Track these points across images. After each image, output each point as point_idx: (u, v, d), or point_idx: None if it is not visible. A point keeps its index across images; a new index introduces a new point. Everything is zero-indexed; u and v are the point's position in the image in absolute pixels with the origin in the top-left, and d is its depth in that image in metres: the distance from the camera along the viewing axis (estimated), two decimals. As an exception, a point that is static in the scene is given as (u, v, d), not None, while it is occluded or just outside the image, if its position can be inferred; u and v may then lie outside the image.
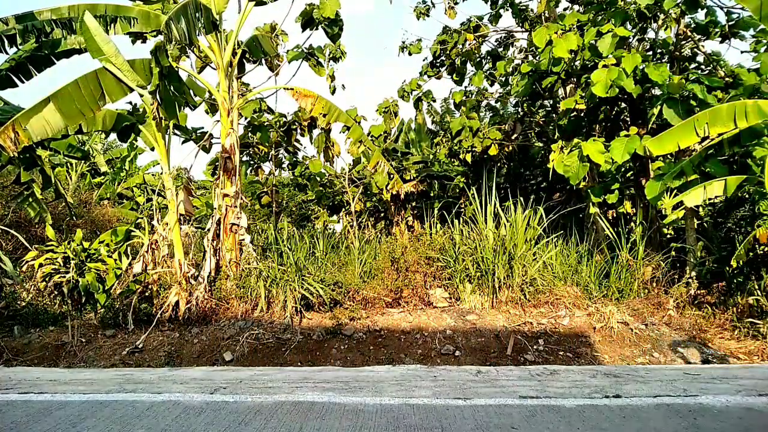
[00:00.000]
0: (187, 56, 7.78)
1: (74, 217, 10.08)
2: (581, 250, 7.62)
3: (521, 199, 7.79)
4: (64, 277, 7.34)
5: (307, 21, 8.62)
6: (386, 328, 6.45)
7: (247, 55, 8.50)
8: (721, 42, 8.53)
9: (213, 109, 9.45)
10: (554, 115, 10.79)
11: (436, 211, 9.33)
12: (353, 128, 8.27)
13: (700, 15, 8.46)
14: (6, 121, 5.88)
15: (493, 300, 7.01)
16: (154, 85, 6.03)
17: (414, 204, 11.78)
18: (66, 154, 8.74)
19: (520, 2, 11.09)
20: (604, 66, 7.15)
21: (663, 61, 8.31)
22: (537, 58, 10.01)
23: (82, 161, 13.97)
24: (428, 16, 11.81)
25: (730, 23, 8.21)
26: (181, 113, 8.39)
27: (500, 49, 11.95)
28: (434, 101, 11.95)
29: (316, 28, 8.70)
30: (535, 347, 6.02)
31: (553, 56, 7.86)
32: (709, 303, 6.98)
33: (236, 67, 7.93)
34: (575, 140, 7.65)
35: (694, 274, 7.32)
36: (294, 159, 11.62)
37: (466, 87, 11.93)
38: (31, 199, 7.85)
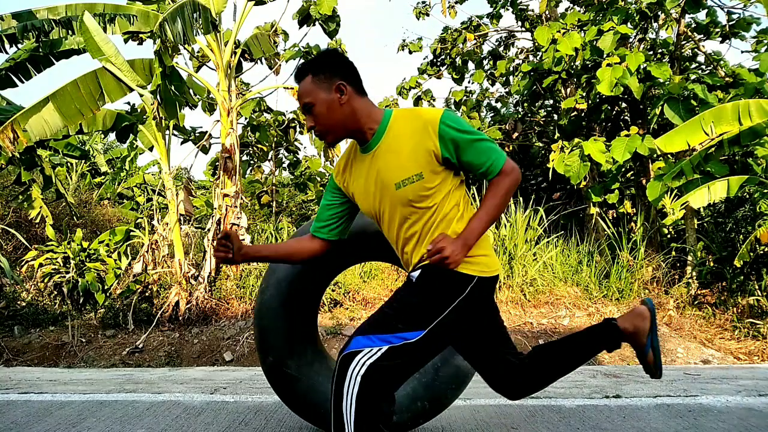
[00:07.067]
0: (179, 53, 7.72)
1: (74, 217, 10.07)
2: (581, 251, 7.61)
3: (521, 199, 7.78)
4: (64, 277, 7.34)
5: (304, 18, 8.58)
6: (386, 328, 6.44)
7: (246, 55, 8.48)
8: (722, 42, 8.53)
9: (210, 108, 9.43)
10: (555, 115, 10.77)
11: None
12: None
13: (701, 15, 8.47)
14: (5, 121, 5.87)
15: (493, 300, 7.00)
16: (155, 85, 6.02)
17: (414, 204, 11.75)
18: (65, 153, 8.73)
19: (521, 2, 11.08)
20: (608, 65, 7.14)
21: (664, 60, 8.31)
22: (539, 57, 10.00)
23: (83, 161, 13.95)
24: (428, 15, 11.78)
25: (730, 23, 8.21)
26: (180, 113, 8.37)
27: (501, 49, 11.94)
28: (434, 100, 11.92)
29: (313, 25, 8.66)
30: (535, 347, 6.01)
31: (556, 55, 7.85)
32: (709, 303, 6.98)
33: (235, 67, 7.91)
34: (576, 140, 7.64)
35: (694, 274, 7.30)
36: (294, 158, 11.60)
37: (466, 87, 11.93)
38: (31, 199, 7.84)
